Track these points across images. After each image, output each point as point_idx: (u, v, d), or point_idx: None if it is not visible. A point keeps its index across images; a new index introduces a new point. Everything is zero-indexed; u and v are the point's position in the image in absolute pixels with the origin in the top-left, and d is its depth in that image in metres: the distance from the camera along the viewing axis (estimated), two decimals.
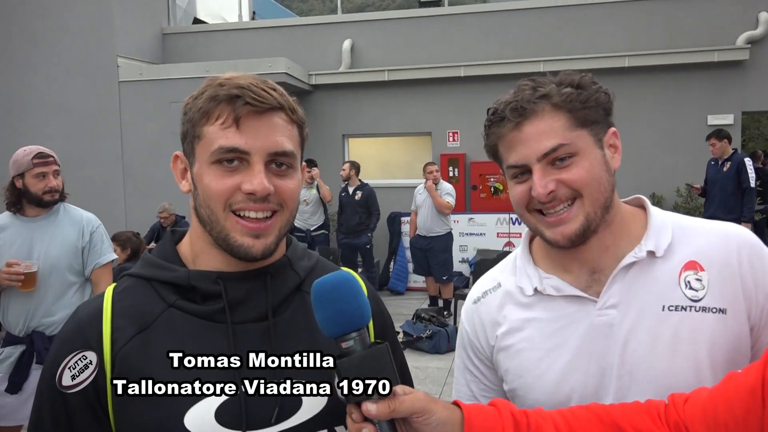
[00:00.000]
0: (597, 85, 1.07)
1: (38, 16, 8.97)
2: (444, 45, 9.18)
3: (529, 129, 1.04)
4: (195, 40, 9.91)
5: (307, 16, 12.38)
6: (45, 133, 8.59)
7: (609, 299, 1.07)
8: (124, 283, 0.98)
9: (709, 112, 8.35)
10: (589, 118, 1.05)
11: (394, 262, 8.93)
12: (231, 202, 0.91)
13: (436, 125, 9.31)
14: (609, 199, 1.06)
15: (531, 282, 1.14)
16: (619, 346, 1.05)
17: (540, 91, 1.04)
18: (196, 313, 0.93)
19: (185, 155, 0.98)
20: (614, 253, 1.09)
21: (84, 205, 3.21)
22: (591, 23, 8.62)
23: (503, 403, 0.91)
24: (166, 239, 1.03)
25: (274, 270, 0.99)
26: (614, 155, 1.10)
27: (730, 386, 0.86)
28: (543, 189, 1.03)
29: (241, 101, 0.90)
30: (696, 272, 1.05)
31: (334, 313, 0.83)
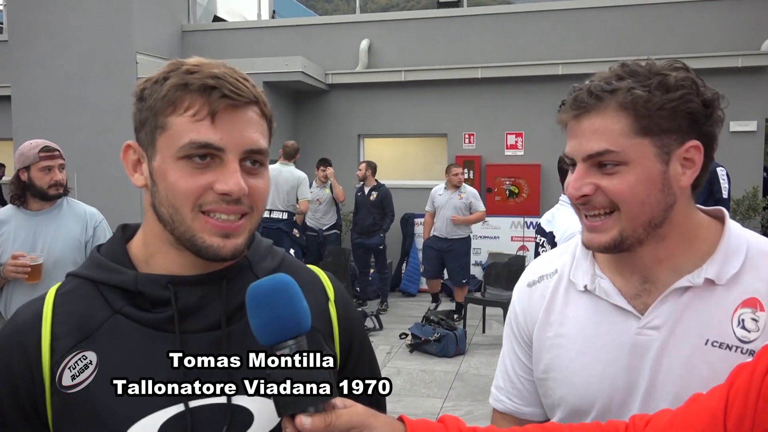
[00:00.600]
0: (687, 91, 0.94)
1: (58, 12, 9.05)
2: (462, 46, 9.13)
3: (586, 124, 0.98)
4: (214, 38, 9.95)
5: (326, 16, 12.41)
6: (64, 128, 8.67)
7: (653, 320, 1.01)
8: (69, 285, 0.90)
9: (732, 119, 8.21)
10: (658, 127, 0.95)
11: (407, 264, 8.90)
12: (201, 203, 0.83)
13: (452, 127, 9.26)
14: (657, 218, 0.98)
15: (584, 278, 1.09)
16: (651, 369, 1.00)
17: (612, 85, 0.96)
18: (143, 321, 0.85)
19: (141, 146, 0.88)
20: (670, 267, 1.02)
21: (101, 200, 3.22)
22: (611, 26, 8.52)
23: (452, 419, 0.86)
24: (116, 236, 0.95)
25: (232, 273, 0.91)
26: (686, 171, 0.98)
27: (692, 409, 0.82)
28: (575, 191, 0.99)
29: (217, 93, 0.82)
30: (754, 311, 0.96)
31: (269, 319, 0.76)
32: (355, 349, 1.03)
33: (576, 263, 1.12)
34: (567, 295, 1.12)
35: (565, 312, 1.11)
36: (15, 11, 9.37)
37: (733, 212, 7.96)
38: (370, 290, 8.09)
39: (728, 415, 0.75)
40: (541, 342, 1.13)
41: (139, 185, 0.90)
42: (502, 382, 1.24)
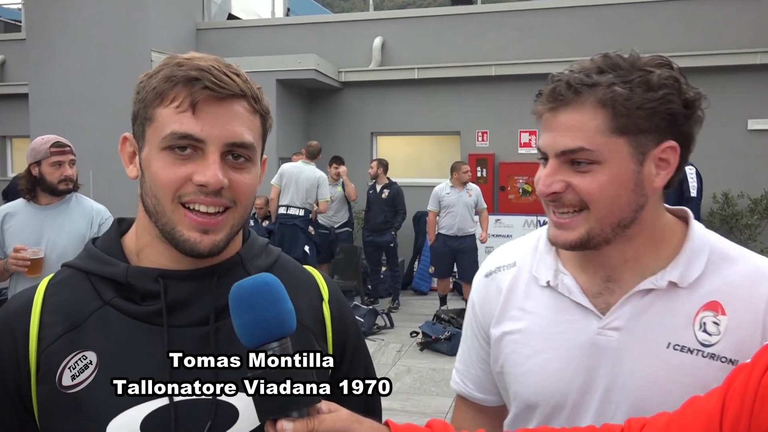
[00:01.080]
0: (669, 91, 0.91)
1: (75, 10, 9.14)
2: (475, 43, 9.08)
3: (562, 117, 0.94)
4: (228, 36, 9.99)
5: (340, 13, 12.41)
6: (80, 126, 8.75)
7: (614, 321, 0.99)
8: (61, 275, 0.91)
9: (750, 117, 8.09)
10: (636, 127, 0.92)
11: (419, 262, 8.88)
12: (180, 194, 0.84)
13: (465, 125, 9.22)
14: (627, 219, 0.96)
15: (547, 273, 1.06)
16: (610, 371, 0.98)
17: (593, 79, 0.92)
18: (132, 313, 0.86)
19: (135, 138, 0.90)
20: (635, 267, 1.00)
21: (116, 197, 3.25)
22: (627, 23, 8.43)
23: (440, 424, 0.85)
24: (111, 229, 0.96)
25: (223, 269, 0.91)
26: (660, 172, 0.96)
27: (689, 412, 0.80)
28: (545, 188, 0.96)
29: (199, 84, 0.82)
30: (716, 314, 0.95)
31: (251, 320, 0.74)
32: (348, 351, 1.02)
33: (539, 257, 1.10)
34: (527, 290, 1.09)
35: (525, 307, 1.08)
36: (33, 10, 9.48)
37: (750, 211, 7.85)
38: (382, 288, 8.09)
39: (725, 418, 0.74)
40: (498, 337, 1.11)
41: (132, 176, 0.91)
42: (460, 365, 1.24)
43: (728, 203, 7.97)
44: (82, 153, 3.12)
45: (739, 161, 8.10)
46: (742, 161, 8.10)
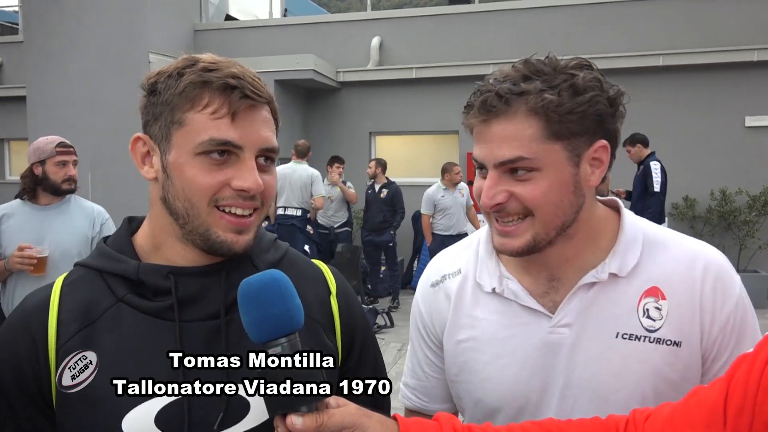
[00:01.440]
0: (596, 93, 0.93)
1: (72, 13, 9.14)
2: (473, 43, 9.09)
3: (496, 129, 0.95)
4: (226, 37, 9.99)
5: (338, 13, 12.42)
6: (78, 128, 8.75)
7: (564, 318, 1.01)
8: (75, 274, 0.93)
9: (747, 113, 8.11)
10: (569, 131, 0.93)
11: (418, 261, 8.89)
12: (217, 198, 0.86)
13: None
14: (569, 221, 0.98)
15: (491, 280, 1.07)
16: (566, 367, 1.01)
17: (521, 87, 0.93)
18: (144, 309, 0.88)
19: (153, 139, 0.90)
20: (576, 265, 1.03)
21: (115, 199, 3.27)
22: (624, 20, 8.44)
23: (446, 417, 0.86)
24: (122, 228, 0.98)
25: (232, 265, 0.92)
26: (594, 171, 0.98)
27: (692, 403, 0.81)
28: (489, 200, 0.97)
29: (238, 93, 0.85)
30: (657, 300, 0.99)
31: (260, 316, 0.75)
32: (357, 344, 1.03)
33: (480, 264, 1.10)
34: (474, 297, 1.09)
35: (474, 314, 1.09)
36: (30, 12, 9.48)
37: (749, 208, 7.87)
38: (382, 287, 8.10)
39: (728, 407, 0.74)
40: (452, 345, 1.11)
41: (149, 178, 0.92)
42: (410, 380, 1.23)
43: (726, 200, 7.99)
44: (80, 155, 3.13)
45: (736, 158, 8.11)
46: (739, 158, 8.12)
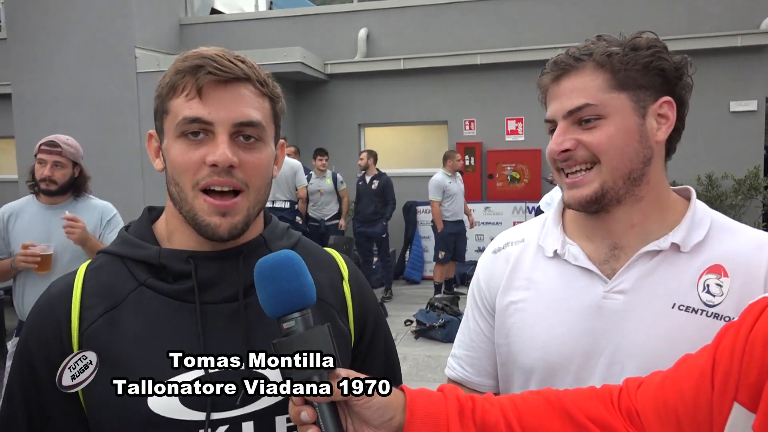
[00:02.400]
0: (655, 48, 1.01)
1: (56, 8, 9.04)
2: (460, 33, 9.09)
3: (566, 84, 1.03)
4: (212, 30, 9.94)
5: (324, 5, 12.36)
6: (64, 125, 8.66)
7: (620, 284, 1.04)
8: (98, 260, 0.97)
9: (732, 99, 8.19)
10: (633, 82, 1.00)
11: (410, 252, 8.93)
12: (198, 179, 0.89)
13: (453, 114, 9.25)
14: (636, 171, 1.02)
15: (554, 243, 1.12)
16: (616, 333, 1.03)
17: (589, 48, 1.02)
18: (166, 292, 0.92)
19: (157, 132, 0.96)
20: (640, 233, 1.06)
21: (104, 195, 3.26)
22: (608, 8, 8.48)
23: (450, 388, 0.90)
24: (143, 217, 1.02)
25: (248, 250, 0.96)
26: (661, 126, 1.04)
27: (682, 369, 0.84)
28: (557, 146, 1.02)
29: (203, 71, 0.87)
30: (719, 277, 1.00)
31: (274, 291, 0.81)
32: (369, 327, 1.08)
33: (546, 231, 1.15)
34: (535, 261, 1.14)
35: (531, 277, 1.13)
36: (13, 8, 9.37)
37: (734, 191, 7.97)
38: (374, 278, 8.13)
39: (715, 372, 0.78)
40: (504, 307, 1.15)
41: (158, 169, 0.97)
42: (458, 351, 1.27)
43: (712, 185, 8.08)
44: None
45: (722, 143, 8.20)
46: (725, 143, 8.21)
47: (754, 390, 0.72)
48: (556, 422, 0.87)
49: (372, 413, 0.80)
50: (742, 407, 0.74)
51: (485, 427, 0.86)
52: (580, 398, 0.89)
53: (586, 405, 0.88)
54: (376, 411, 0.81)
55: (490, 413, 0.86)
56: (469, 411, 0.86)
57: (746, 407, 0.73)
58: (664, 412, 0.83)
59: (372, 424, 0.81)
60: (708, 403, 0.77)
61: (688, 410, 0.80)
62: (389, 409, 0.81)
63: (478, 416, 0.86)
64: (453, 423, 0.84)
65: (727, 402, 0.75)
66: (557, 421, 0.87)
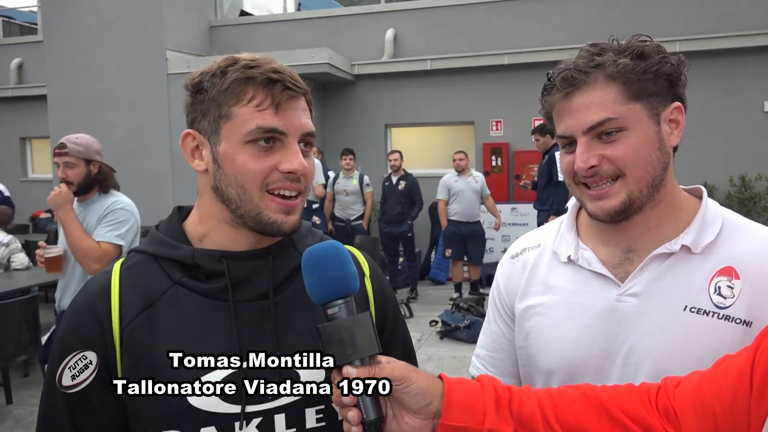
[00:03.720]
0: (662, 54, 1.01)
1: (90, 11, 9.26)
2: (487, 33, 9.06)
3: (579, 99, 1.01)
4: (241, 32, 10.06)
5: (351, 6, 12.42)
6: (97, 126, 8.87)
7: (633, 287, 1.05)
8: (132, 260, 1.00)
9: (766, 98, 8.01)
10: (646, 91, 1.01)
11: (436, 252, 8.91)
12: (267, 182, 0.93)
13: (479, 114, 9.22)
14: (658, 178, 1.03)
15: (567, 249, 1.13)
16: (630, 335, 1.04)
17: (595, 60, 1.01)
18: (199, 291, 0.95)
19: (203, 134, 0.97)
20: (654, 236, 1.07)
21: (134, 196, 3.30)
22: (638, 7, 8.36)
23: (488, 378, 0.91)
24: (173, 216, 1.05)
25: (277, 249, 1.00)
26: (674, 131, 1.05)
27: (720, 369, 0.84)
28: (584, 164, 1.02)
29: (280, 86, 0.93)
30: (730, 279, 1.01)
31: (320, 279, 0.85)
32: (388, 324, 1.11)
33: (560, 236, 1.17)
34: (550, 267, 1.16)
35: (547, 282, 1.15)
36: (49, 12, 9.62)
37: (767, 191, 7.79)
38: (400, 279, 8.14)
39: (755, 374, 0.77)
40: (522, 311, 1.17)
41: (200, 170, 0.99)
42: (481, 351, 1.29)
43: (746, 186, 7.91)
44: None
45: (755, 143, 8.02)
46: (758, 143, 8.03)
47: None
48: (593, 417, 0.87)
49: (410, 398, 0.83)
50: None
51: (522, 418, 0.86)
52: (617, 394, 0.90)
53: (624, 401, 0.88)
54: (414, 396, 0.83)
55: (527, 405, 0.87)
56: (506, 401, 0.87)
57: None
58: (701, 411, 0.82)
59: (410, 408, 0.84)
60: (746, 403, 0.77)
61: (726, 410, 0.79)
62: (427, 395, 0.84)
63: (514, 407, 0.87)
64: (489, 412, 0.85)
65: (765, 403, 0.75)
66: (594, 416, 0.87)
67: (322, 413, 0.96)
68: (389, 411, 0.84)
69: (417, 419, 0.84)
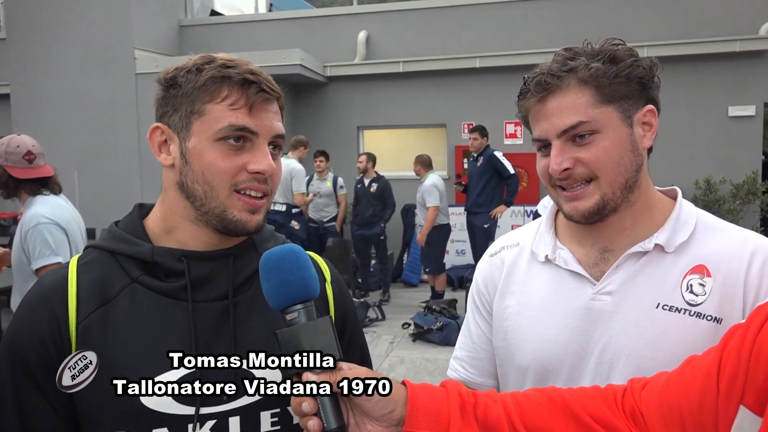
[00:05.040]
0: (634, 58, 1.03)
1: (56, 9, 9.04)
2: (459, 36, 9.11)
3: (553, 104, 1.03)
4: (211, 32, 9.94)
5: (323, 8, 12.38)
6: (63, 126, 8.69)
7: (607, 285, 1.07)
8: (89, 255, 0.98)
9: (730, 104, 8.20)
10: (618, 94, 1.02)
11: (408, 254, 8.92)
12: (236, 182, 0.93)
13: (451, 117, 9.25)
14: (632, 179, 1.05)
15: (545, 248, 1.15)
16: (604, 333, 1.05)
17: (568, 65, 1.03)
18: (158, 289, 0.94)
19: (173, 128, 0.96)
20: (629, 236, 1.08)
21: (102, 195, 3.24)
22: (608, 13, 8.49)
23: (453, 383, 0.90)
24: (134, 213, 1.03)
25: (238, 251, 1.00)
26: (646, 133, 1.07)
27: (687, 371, 0.83)
28: (557, 166, 1.03)
29: (255, 87, 0.93)
30: (702, 277, 1.03)
31: (278, 283, 0.83)
32: (348, 330, 1.10)
33: (539, 236, 1.19)
34: (528, 266, 1.18)
35: (526, 281, 1.17)
36: (13, 8, 9.36)
37: (732, 196, 7.98)
38: (372, 281, 8.13)
39: (721, 375, 0.77)
40: (501, 310, 1.19)
41: (167, 164, 0.98)
42: (460, 353, 1.29)
43: (711, 189, 8.09)
44: (66, 153, 3.09)
45: (720, 148, 8.21)
46: (723, 147, 8.22)
47: (760, 394, 0.72)
48: (559, 420, 0.87)
49: (372, 405, 0.81)
50: (749, 411, 0.73)
51: (487, 423, 0.85)
52: (583, 397, 0.89)
53: (590, 404, 0.88)
54: (377, 404, 0.81)
55: (493, 409, 0.86)
56: (471, 407, 0.86)
57: (753, 411, 0.72)
58: (668, 413, 0.82)
59: (373, 416, 0.81)
60: (713, 405, 0.77)
61: (693, 412, 0.79)
62: (390, 402, 0.82)
63: (480, 412, 0.86)
64: (454, 418, 0.84)
65: (733, 405, 0.74)
66: (560, 420, 0.87)
67: (278, 416, 0.95)
68: (351, 419, 0.82)
69: (380, 427, 0.82)
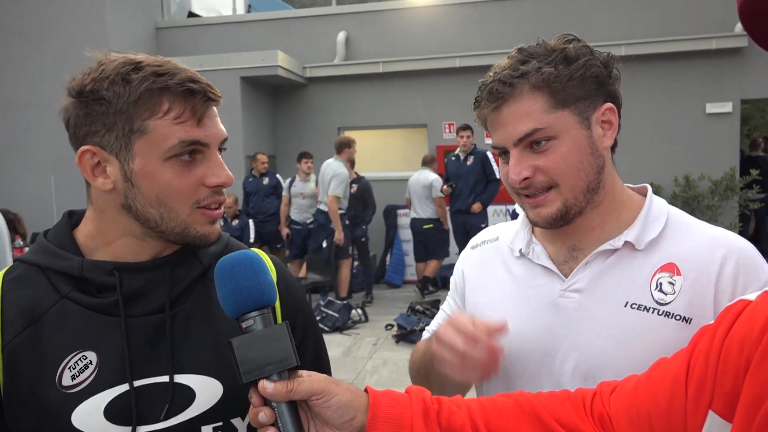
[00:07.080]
0: (588, 57, 1.01)
1: (30, 12, 8.88)
2: (439, 36, 9.11)
3: (506, 112, 1.01)
4: (189, 34, 9.83)
5: (302, 8, 12.32)
6: (38, 132, 8.52)
7: (575, 283, 1.05)
8: (16, 270, 0.92)
9: (708, 101, 8.30)
10: (573, 96, 1.00)
11: (391, 255, 8.90)
12: (197, 199, 0.89)
13: (432, 117, 9.25)
14: (593, 182, 1.03)
15: (520, 243, 1.15)
16: (572, 331, 1.04)
17: (519, 70, 1.00)
18: (89, 305, 0.89)
19: (108, 150, 0.88)
20: (598, 235, 1.07)
21: (79, 202, 3.15)
22: (586, 12, 8.55)
23: (416, 389, 0.88)
24: (62, 223, 0.97)
25: (177, 259, 0.95)
26: (606, 132, 1.04)
27: (655, 374, 0.82)
28: (517, 176, 1.02)
29: (201, 96, 0.87)
30: (671, 275, 1.01)
31: (233, 290, 0.80)
32: (299, 329, 1.05)
33: (516, 232, 1.18)
34: (505, 261, 1.18)
35: (498, 275, 1.16)
36: None
37: (711, 192, 8.07)
38: (355, 282, 8.09)
39: (690, 378, 0.75)
40: (472, 301, 1.19)
41: (107, 189, 0.90)
42: (434, 326, 1.28)
43: (689, 186, 8.17)
44: (41, 159, 3.02)
45: (698, 144, 8.30)
46: (701, 144, 8.31)
47: (729, 398, 0.70)
48: (525, 425, 0.85)
49: (332, 413, 0.79)
50: (717, 416, 0.71)
51: (451, 428, 0.84)
52: (551, 402, 0.88)
53: (558, 409, 0.86)
54: (336, 411, 0.79)
55: (457, 415, 0.85)
56: (435, 412, 0.84)
57: (721, 416, 0.71)
58: (636, 418, 0.81)
59: (333, 424, 0.80)
60: (682, 410, 0.75)
61: (662, 417, 0.77)
62: (350, 408, 0.80)
63: (443, 418, 0.84)
64: (417, 424, 0.82)
65: (702, 410, 0.73)
66: (526, 425, 0.85)
67: (220, 430, 0.92)
68: (311, 429, 0.80)
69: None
